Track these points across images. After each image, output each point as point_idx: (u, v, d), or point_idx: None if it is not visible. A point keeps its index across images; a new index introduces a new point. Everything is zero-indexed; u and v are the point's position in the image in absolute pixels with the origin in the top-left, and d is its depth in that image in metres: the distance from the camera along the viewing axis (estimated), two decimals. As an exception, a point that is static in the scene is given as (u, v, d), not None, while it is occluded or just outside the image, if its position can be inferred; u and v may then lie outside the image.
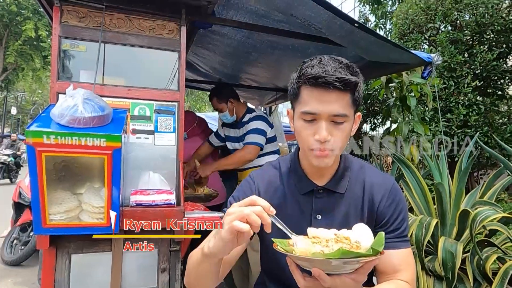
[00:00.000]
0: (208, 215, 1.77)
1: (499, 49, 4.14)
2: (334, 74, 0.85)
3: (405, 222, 0.98)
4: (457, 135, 4.05)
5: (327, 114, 0.88)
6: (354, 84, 0.88)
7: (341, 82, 0.85)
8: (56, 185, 1.33)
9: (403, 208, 0.99)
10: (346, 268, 0.68)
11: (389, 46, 1.96)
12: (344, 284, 0.71)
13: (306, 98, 0.90)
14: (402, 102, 2.65)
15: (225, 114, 2.64)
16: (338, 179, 1.00)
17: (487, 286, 1.65)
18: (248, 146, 2.47)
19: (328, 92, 0.86)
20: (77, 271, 1.53)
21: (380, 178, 1.02)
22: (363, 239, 0.73)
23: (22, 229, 3.75)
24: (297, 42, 2.28)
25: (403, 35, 4.94)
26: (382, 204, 0.97)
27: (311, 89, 0.88)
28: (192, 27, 2.02)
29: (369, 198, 0.98)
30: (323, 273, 0.69)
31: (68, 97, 1.31)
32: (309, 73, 0.87)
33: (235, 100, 2.67)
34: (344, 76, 0.86)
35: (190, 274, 0.92)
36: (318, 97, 0.88)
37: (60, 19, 1.61)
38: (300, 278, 0.75)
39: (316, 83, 0.86)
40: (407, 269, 0.94)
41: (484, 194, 2.06)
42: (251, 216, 0.69)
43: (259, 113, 2.65)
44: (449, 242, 1.74)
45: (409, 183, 2.14)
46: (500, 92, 4.41)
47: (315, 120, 0.89)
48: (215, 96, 2.67)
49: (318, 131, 0.88)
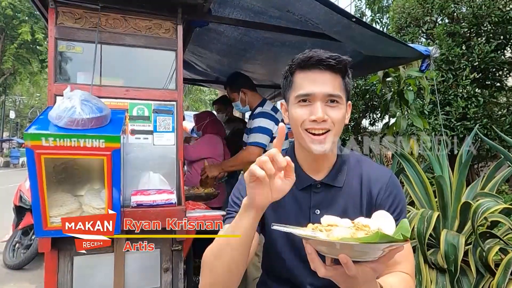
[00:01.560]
0: (209, 214, 1.77)
1: (496, 41, 4.13)
2: (325, 54, 0.90)
3: (403, 214, 0.98)
4: (457, 128, 4.04)
5: (321, 94, 0.90)
6: (345, 64, 0.92)
7: (333, 59, 0.89)
8: (56, 187, 1.33)
9: (401, 200, 0.98)
10: (371, 255, 0.64)
11: (387, 40, 1.95)
12: (365, 273, 0.67)
13: (300, 82, 0.93)
14: (399, 97, 2.65)
15: (237, 104, 2.59)
16: (335, 173, 1.00)
17: (490, 277, 1.66)
18: (249, 147, 2.37)
19: (321, 72, 0.90)
20: (79, 273, 1.53)
21: (378, 171, 1.01)
22: (384, 226, 0.69)
23: (24, 232, 3.75)
24: (294, 38, 2.27)
25: (400, 29, 4.93)
26: (380, 197, 0.97)
27: (304, 72, 0.93)
28: (188, 26, 2.01)
29: (367, 191, 0.98)
30: (351, 261, 0.64)
31: (65, 99, 1.30)
32: (301, 57, 0.92)
33: (248, 90, 2.56)
34: (335, 55, 0.90)
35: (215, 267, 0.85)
36: (311, 79, 0.91)
37: (56, 21, 1.60)
38: (321, 267, 0.70)
39: (309, 63, 0.91)
40: (406, 261, 0.93)
41: (484, 186, 2.07)
42: (266, 163, 0.72)
43: (264, 110, 2.48)
44: (451, 234, 1.74)
45: (409, 177, 2.14)
46: (499, 83, 4.40)
47: (310, 103, 0.91)
48: (228, 85, 2.64)
49: (314, 111, 0.90)
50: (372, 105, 5.40)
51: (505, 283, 1.49)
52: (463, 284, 1.69)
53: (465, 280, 1.70)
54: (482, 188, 2.04)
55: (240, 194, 1.01)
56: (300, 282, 1.00)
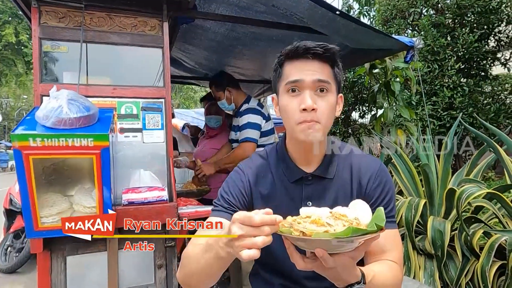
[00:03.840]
0: (201, 209, 1.79)
1: (480, 31, 4.20)
2: (312, 43, 0.90)
3: (392, 203, 1.00)
4: (443, 117, 4.12)
5: (310, 81, 0.90)
6: (333, 53, 0.92)
7: (321, 48, 0.89)
8: (46, 188, 1.33)
9: (390, 189, 1.00)
10: (348, 246, 0.66)
11: (371, 33, 1.98)
12: (343, 263, 0.70)
13: (288, 70, 0.93)
14: (386, 88, 2.68)
15: (223, 103, 2.61)
16: (326, 165, 1.01)
17: (475, 260, 1.71)
18: (243, 144, 2.42)
19: (309, 61, 0.91)
20: (73, 272, 1.53)
21: (367, 161, 1.02)
22: (361, 215, 0.71)
23: (15, 236, 3.71)
24: (281, 32, 2.28)
25: (386, 21, 4.98)
26: (369, 186, 0.98)
27: (292, 62, 0.93)
28: (174, 23, 2.00)
29: (357, 181, 0.99)
30: (327, 254, 0.66)
31: (52, 98, 1.30)
32: (289, 48, 0.92)
33: (233, 88, 2.61)
34: (323, 44, 0.90)
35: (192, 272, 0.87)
36: (300, 67, 0.91)
37: (39, 20, 1.59)
38: (300, 260, 0.72)
39: (297, 52, 0.91)
40: (395, 250, 0.95)
41: (469, 173, 2.12)
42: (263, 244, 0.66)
43: (251, 106, 2.55)
44: (437, 221, 1.79)
45: (397, 166, 2.19)
46: (483, 73, 4.48)
47: (299, 92, 0.91)
48: (213, 84, 2.65)
49: (303, 100, 0.89)
50: (361, 97, 5.46)
51: (488, 265, 1.54)
52: (450, 268, 1.74)
53: (451, 264, 1.75)
54: (467, 175, 2.09)
55: (229, 189, 1.01)
56: (292, 273, 1.00)
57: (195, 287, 0.90)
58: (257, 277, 1.11)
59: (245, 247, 0.65)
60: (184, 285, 0.93)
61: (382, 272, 0.89)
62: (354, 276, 0.76)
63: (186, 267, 0.90)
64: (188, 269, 0.89)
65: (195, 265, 0.85)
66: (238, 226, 0.66)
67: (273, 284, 1.04)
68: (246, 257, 0.65)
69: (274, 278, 1.04)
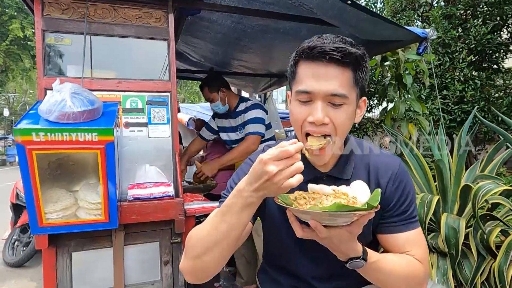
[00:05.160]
0: (208, 205, 1.75)
1: (493, 22, 4.08)
2: (332, 44, 0.79)
3: (413, 204, 0.95)
4: (454, 111, 4.03)
5: (323, 93, 0.80)
6: (354, 58, 0.81)
7: (339, 52, 0.78)
8: (50, 183, 1.30)
9: (410, 190, 0.95)
10: (341, 220, 0.71)
11: (383, 23, 1.91)
12: (339, 235, 0.74)
13: (302, 75, 0.83)
14: (398, 81, 2.62)
15: (217, 104, 2.59)
16: (342, 165, 0.95)
17: (491, 259, 1.66)
18: (250, 136, 2.42)
19: (325, 66, 0.80)
20: (78, 268, 1.52)
21: (386, 161, 0.97)
22: (359, 194, 0.76)
23: (22, 230, 3.73)
24: (288, 24, 2.22)
25: (395, 12, 4.87)
26: (388, 188, 0.93)
27: (307, 63, 0.82)
28: (180, 14, 1.96)
29: (375, 182, 0.94)
30: (320, 225, 0.72)
31: (55, 92, 1.26)
32: (305, 46, 0.82)
33: (226, 89, 2.62)
34: (342, 46, 0.79)
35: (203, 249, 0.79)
36: (314, 73, 0.81)
37: (42, 12, 1.55)
38: (299, 229, 0.78)
39: (312, 54, 0.80)
40: (417, 249, 0.91)
41: (484, 169, 2.05)
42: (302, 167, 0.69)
43: (255, 102, 2.61)
44: (451, 218, 1.73)
45: (408, 162, 2.13)
46: (495, 66, 4.37)
47: (310, 101, 0.82)
48: (206, 86, 2.60)
49: (313, 112, 0.81)
50: (369, 91, 5.37)
51: (506, 265, 1.49)
52: (464, 267, 1.69)
53: (466, 263, 1.70)
54: (481, 171, 2.03)
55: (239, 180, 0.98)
56: (301, 272, 0.98)
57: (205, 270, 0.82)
58: (266, 275, 1.10)
59: (287, 178, 0.67)
60: (191, 273, 0.84)
61: (393, 260, 0.86)
62: (353, 251, 0.78)
63: (194, 248, 0.81)
64: (198, 249, 0.80)
65: (210, 238, 0.78)
66: (273, 163, 0.67)
67: (281, 283, 1.03)
68: (296, 182, 0.67)
69: (282, 277, 1.03)
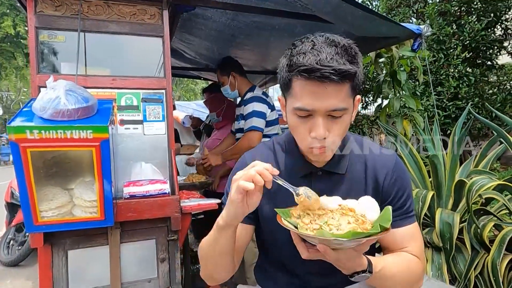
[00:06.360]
0: (204, 202, 1.75)
1: (487, 19, 4.11)
2: (330, 64, 0.74)
3: (410, 198, 0.96)
4: (448, 107, 4.06)
5: (323, 110, 0.79)
6: (353, 74, 0.79)
7: (339, 74, 0.75)
8: (45, 181, 1.29)
9: (407, 184, 0.96)
10: (351, 244, 0.69)
11: (378, 20, 1.91)
12: (347, 257, 0.73)
13: (299, 92, 0.80)
14: (392, 77, 2.63)
15: (225, 88, 2.56)
16: (337, 160, 0.95)
17: (485, 253, 1.68)
18: (248, 133, 2.35)
19: (324, 85, 0.76)
20: (74, 266, 1.51)
21: (383, 156, 0.97)
22: (368, 212, 0.74)
23: (18, 229, 3.71)
24: (284, 21, 2.22)
25: (390, 9, 4.88)
26: (386, 183, 0.93)
27: (304, 82, 0.78)
28: (174, 11, 1.94)
29: (373, 177, 0.94)
30: (329, 249, 0.70)
31: (49, 89, 1.25)
32: (301, 63, 0.76)
33: (238, 74, 2.56)
34: (342, 67, 0.75)
35: (207, 261, 0.94)
36: (312, 91, 0.78)
37: (35, 9, 1.54)
38: (304, 251, 0.76)
39: (310, 76, 0.76)
40: (413, 243, 0.92)
41: (478, 164, 2.07)
42: (256, 176, 0.73)
43: (256, 94, 2.48)
44: (445, 213, 1.75)
45: (403, 157, 2.14)
46: (489, 62, 4.40)
47: (310, 115, 0.82)
48: (218, 68, 2.61)
49: (314, 128, 0.81)
50: (364, 88, 5.39)
51: (500, 259, 1.51)
52: (459, 261, 1.70)
53: (460, 257, 1.72)
54: (475, 166, 2.05)
55: None
56: (298, 269, 0.99)
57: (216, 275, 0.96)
58: (262, 270, 1.10)
59: (242, 179, 0.74)
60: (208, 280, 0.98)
61: (394, 263, 0.87)
62: (359, 265, 0.78)
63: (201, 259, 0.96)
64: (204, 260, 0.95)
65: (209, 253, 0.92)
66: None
67: (278, 278, 1.03)
68: (243, 185, 0.73)
69: (279, 273, 1.03)
